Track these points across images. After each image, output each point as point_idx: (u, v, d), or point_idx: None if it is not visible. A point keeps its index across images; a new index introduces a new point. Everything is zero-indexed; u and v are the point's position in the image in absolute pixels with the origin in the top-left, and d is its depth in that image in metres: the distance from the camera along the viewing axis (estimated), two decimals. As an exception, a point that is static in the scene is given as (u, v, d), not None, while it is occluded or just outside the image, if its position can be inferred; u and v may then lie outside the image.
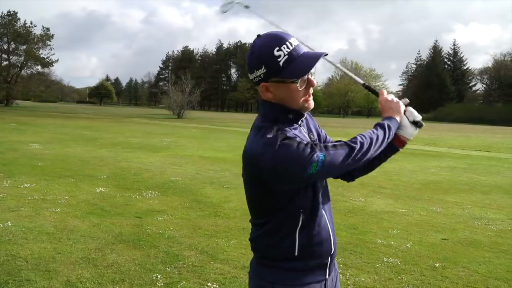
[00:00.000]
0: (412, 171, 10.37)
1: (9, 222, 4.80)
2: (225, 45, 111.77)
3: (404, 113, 1.59)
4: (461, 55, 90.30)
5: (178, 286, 3.41)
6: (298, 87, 1.38)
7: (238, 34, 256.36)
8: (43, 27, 61.96)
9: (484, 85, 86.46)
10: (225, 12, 1.74)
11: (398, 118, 1.54)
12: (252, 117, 1.51)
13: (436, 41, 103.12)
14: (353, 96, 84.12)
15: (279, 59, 1.34)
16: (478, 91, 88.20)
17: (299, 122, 1.49)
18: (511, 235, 5.09)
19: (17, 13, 60.15)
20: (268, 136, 1.33)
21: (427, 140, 21.48)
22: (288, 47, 1.35)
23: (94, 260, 3.85)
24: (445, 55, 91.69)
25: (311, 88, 1.44)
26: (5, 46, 59.67)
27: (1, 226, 4.67)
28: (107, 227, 4.83)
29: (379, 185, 8.16)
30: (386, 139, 1.48)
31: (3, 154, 10.44)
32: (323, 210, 1.46)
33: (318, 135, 1.63)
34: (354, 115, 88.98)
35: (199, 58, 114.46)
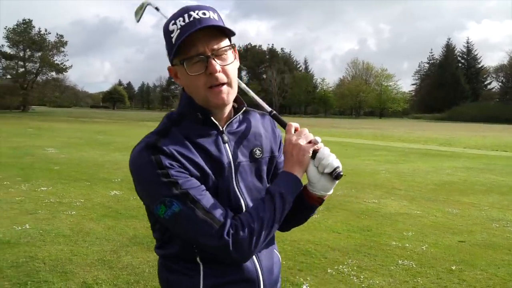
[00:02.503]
0: (427, 171, 10.25)
1: (27, 225, 4.89)
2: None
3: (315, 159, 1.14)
4: (475, 53, 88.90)
5: None
6: (187, 71, 1.08)
7: (248, 36, 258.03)
8: (57, 34, 62.98)
9: (500, 83, 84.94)
10: (139, 20, 1.56)
11: (299, 173, 1.13)
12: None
13: (449, 39, 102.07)
14: (364, 97, 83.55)
15: (172, 35, 1.07)
16: (494, 89, 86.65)
17: (222, 130, 1.16)
18: (529, 237, 4.99)
19: (31, 21, 61.27)
20: (140, 145, 1.10)
21: (441, 140, 21.23)
22: (185, 20, 1.06)
23: (110, 262, 3.89)
24: (458, 53, 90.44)
25: (222, 75, 1.08)
26: (21, 54, 60.77)
27: (20, 228, 4.76)
28: (122, 230, 4.87)
29: (392, 187, 8.09)
30: (280, 214, 1.09)
31: (20, 158, 10.63)
32: None
33: (272, 157, 1.25)
34: (366, 115, 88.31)
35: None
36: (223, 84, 1.08)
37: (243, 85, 1.31)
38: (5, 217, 5.21)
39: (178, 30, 1.05)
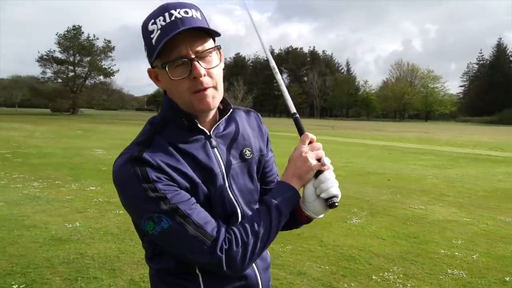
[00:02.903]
0: (477, 177, 9.78)
1: (78, 223, 5.12)
2: (277, 51, 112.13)
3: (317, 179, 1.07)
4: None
5: (235, 290, 3.44)
6: (170, 76, 1.00)
7: (289, 39, 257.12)
8: (105, 39, 66.09)
9: (556, 85, 79.71)
10: None
11: (296, 185, 1.08)
12: (304, 122, 1.15)
13: (500, 39, 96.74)
14: (409, 99, 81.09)
15: (152, 36, 1.00)
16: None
17: (210, 134, 1.10)
18: None
19: (81, 27, 64.57)
20: (122, 157, 1.01)
21: (492, 145, 20.22)
22: (165, 19, 0.98)
23: (155, 261, 3.99)
24: (510, 53, 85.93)
25: (208, 79, 1.01)
26: (71, 58, 64.06)
27: (71, 226, 4.99)
28: (166, 230, 4.98)
29: (440, 193, 7.78)
30: (276, 227, 1.05)
31: (70, 159, 11.17)
32: None
33: (261, 156, 1.21)
34: (411, 118, 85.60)
35: (251, 64, 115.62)
36: (208, 88, 1.02)
37: (279, 76, 1.20)
38: (57, 215, 5.48)
39: (159, 31, 0.98)
